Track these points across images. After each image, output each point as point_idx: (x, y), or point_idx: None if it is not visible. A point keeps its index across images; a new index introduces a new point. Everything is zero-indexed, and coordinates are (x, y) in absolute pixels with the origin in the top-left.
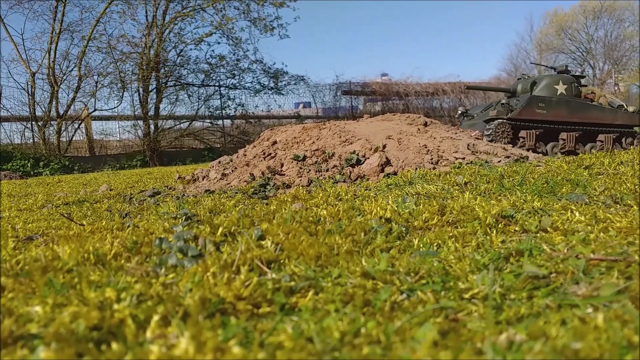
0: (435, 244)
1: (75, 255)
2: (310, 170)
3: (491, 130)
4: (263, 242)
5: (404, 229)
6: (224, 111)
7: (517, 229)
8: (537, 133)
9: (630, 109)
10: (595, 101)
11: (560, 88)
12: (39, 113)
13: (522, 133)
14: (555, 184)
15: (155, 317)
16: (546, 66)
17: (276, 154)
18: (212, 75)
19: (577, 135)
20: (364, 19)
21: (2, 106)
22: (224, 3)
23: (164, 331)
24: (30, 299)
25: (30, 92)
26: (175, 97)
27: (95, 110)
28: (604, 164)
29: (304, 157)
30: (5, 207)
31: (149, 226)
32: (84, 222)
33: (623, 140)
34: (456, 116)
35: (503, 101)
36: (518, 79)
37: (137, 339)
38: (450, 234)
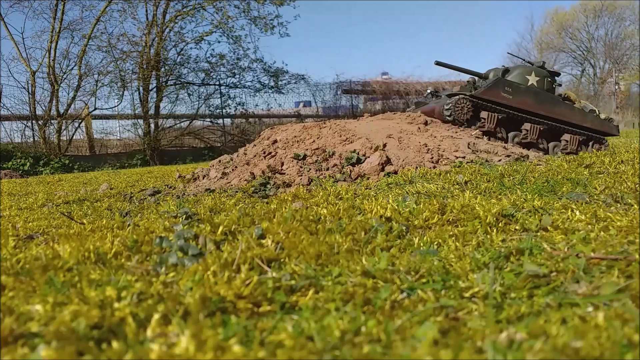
0: (435, 243)
1: (75, 254)
2: (310, 169)
3: (450, 105)
4: (263, 241)
5: (404, 227)
6: (224, 110)
7: (517, 227)
8: (500, 117)
9: (602, 115)
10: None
11: (532, 79)
12: (39, 112)
13: (484, 114)
14: (556, 182)
15: (156, 316)
16: (523, 59)
17: (276, 152)
18: (212, 74)
19: (541, 128)
20: (364, 18)
21: (2, 105)
22: (224, 2)
23: (165, 330)
24: (31, 297)
25: (30, 91)
26: (175, 96)
27: (95, 109)
28: (604, 163)
29: (304, 156)
30: (5, 205)
31: (149, 225)
32: (85, 221)
33: (590, 144)
34: (424, 95)
35: (469, 79)
36: (493, 68)
37: (137, 338)
38: (451, 233)
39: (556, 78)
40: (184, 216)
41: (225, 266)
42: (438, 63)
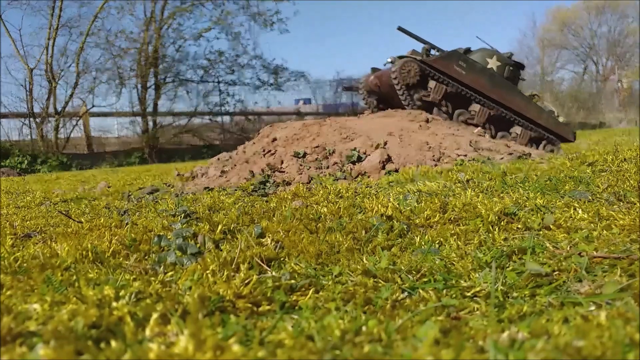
0: (437, 242)
1: (73, 253)
2: (310, 167)
3: (397, 68)
4: (263, 240)
5: (405, 226)
6: (223, 107)
7: (519, 226)
8: (448, 90)
9: (561, 119)
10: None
11: (492, 63)
12: (36, 109)
13: (431, 83)
14: (558, 181)
15: (155, 315)
16: (491, 46)
17: (276, 150)
18: (211, 71)
19: (491, 113)
20: (365, 15)
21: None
22: None
23: (163, 329)
24: (29, 296)
25: (28, 89)
26: (174, 93)
27: (93, 106)
28: (607, 161)
29: (304, 154)
30: (3, 204)
31: (147, 224)
32: (82, 220)
33: (542, 143)
34: (384, 64)
35: (425, 46)
36: (457, 48)
37: (136, 337)
38: (452, 232)
39: (521, 71)
40: (183, 215)
41: (224, 265)
42: (400, 29)
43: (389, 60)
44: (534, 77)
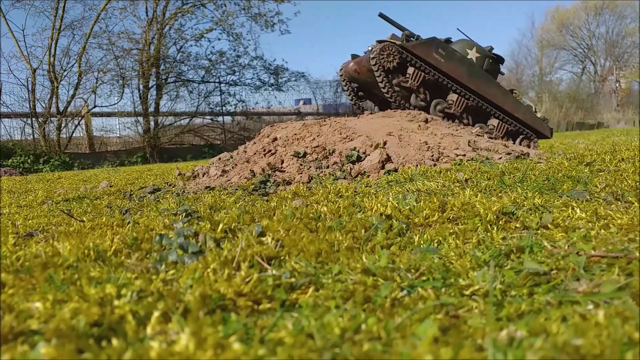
0: (435, 241)
1: (75, 252)
2: (310, 166)
3: (376, 52)
4: (263, 239)
5: (404, 225)
6: (224, 107)
7: (517, 225)
8: (426, 77)
9: (539, 114)
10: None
11: (472, 54)
12: (39, 109)
13: (410, 70)
14: (556, 180)
15: (156, 313)
16: (470, 39)
17: (276, 150)
18: (212, 71)
19: (468, 103)
20: (365, 15)
21: (2, 102)
22: None
23: (165, 327)
24: (31, 295)
25: (30, 89)
26: (175, 93)
27: (95, 106)
28: (605, 161)
29: (305, 154)
30: (5, 203)
31: (149, 222)
32: (84, 219)
33: (520, 138)
34: (364, 52)
35: (405, 32)
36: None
37: (137, 335)
38: (451, 231)
39: (500, 65)
40: (184, 214)
41: (225, 264)
42: (381, 15)
43: (369, 48)
44: (533, 78)
